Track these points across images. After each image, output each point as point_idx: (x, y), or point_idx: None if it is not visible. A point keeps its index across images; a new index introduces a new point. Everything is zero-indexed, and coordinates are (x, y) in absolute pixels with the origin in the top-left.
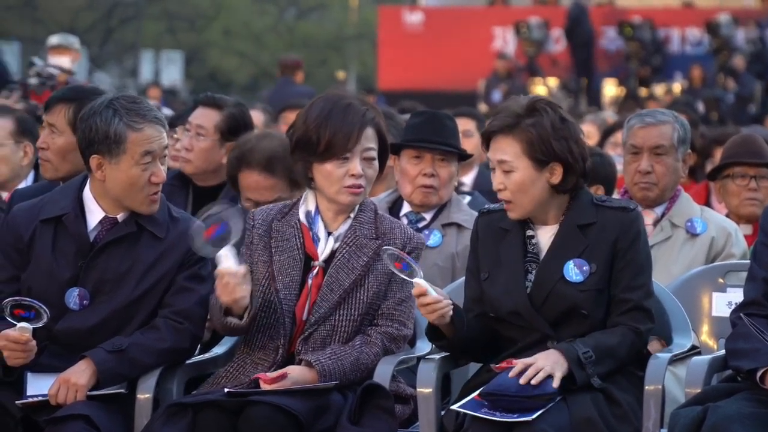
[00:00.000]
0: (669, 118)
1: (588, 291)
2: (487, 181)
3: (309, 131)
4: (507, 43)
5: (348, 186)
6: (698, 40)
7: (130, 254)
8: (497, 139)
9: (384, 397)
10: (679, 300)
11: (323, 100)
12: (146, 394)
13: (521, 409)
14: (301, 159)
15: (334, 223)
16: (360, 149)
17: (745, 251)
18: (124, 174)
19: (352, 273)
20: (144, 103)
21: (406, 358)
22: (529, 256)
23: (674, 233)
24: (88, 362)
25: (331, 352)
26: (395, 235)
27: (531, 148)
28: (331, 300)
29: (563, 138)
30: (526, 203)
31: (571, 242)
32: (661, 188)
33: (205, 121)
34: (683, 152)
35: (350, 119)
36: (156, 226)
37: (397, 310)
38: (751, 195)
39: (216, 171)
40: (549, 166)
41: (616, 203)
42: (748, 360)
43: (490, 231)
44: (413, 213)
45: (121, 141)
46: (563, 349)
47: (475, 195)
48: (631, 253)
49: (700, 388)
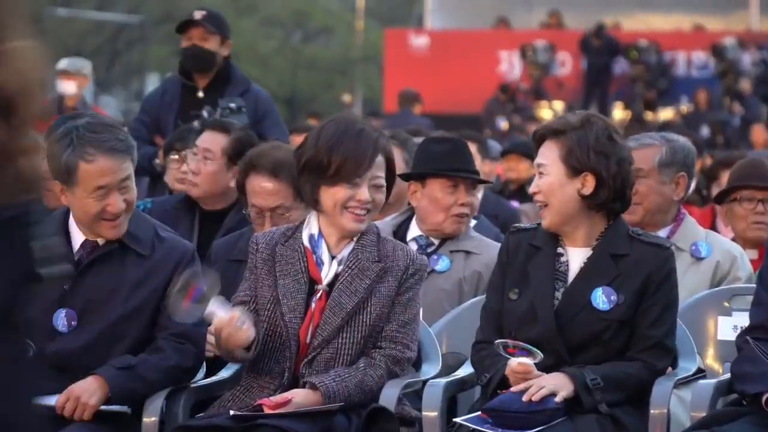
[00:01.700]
0: (654, 141)
1: (611, 321)
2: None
3: (320, 153)
4: (513, 67)
5: (354, 211)
6: (704, 63)
7: (116, 273)
8: (544, 143)
9: (389, 421)
10: (685, 323)
11: (335, 124)
12: (152, 417)
13: (524, 425)
14: (309, 181)
15: (337, 246)
16: (370, 176)
17: (750, 275)
18: (80, 203)
19: (354, 296)
20: (105, 133)
21: (412, 382)
22: (557, 275)
23: (679, 257)
24: (99, 380)
25: (335, 374)
26: (398, 257)
27: (569, 154)
28: (334, 323)
29: (603, 153)
30: (556, 206)
31: (602, 269)
32: (645, 209)
33: (213, 144)
34: (671, 174)
35: (363, 145)
36: (139, 245)
37: (401, 333)
38: (758, 219)
39: (223, 194)
40: (582, 175)
41: (652, 239)
42: (754, 384)
43: (521, 249)
44: (423, 237)
45: (72, 172)
46: (571, 373)
47: (480, 219)
48: (662, 291)
49: (706, 411)
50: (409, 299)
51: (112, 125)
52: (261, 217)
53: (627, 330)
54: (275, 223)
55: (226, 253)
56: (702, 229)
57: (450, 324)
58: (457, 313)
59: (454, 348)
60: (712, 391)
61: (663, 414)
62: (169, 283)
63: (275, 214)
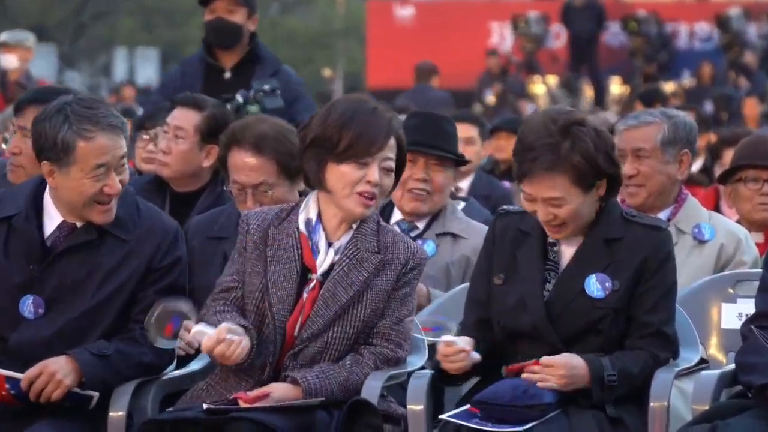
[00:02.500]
0: (655, 119)
1: (607, 309)
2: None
3: (328, 130)
4: (504, 39)
5: (361, 193)
6: (707, 35)
7: (90, 260)
8: (539, 176)
9: (372, 415)
10: (686, 311)
11: (346, 102)
12: (120, 412)
13: (516, 419)
14: (315, 158)
15: (335, 233)
16: (381, 156)
17: (756, 259)
18: (75, 184)
19: (350, 288)
20: (101, 109)
21: (396, 374)
22: (549, 264)
23: (680, 239)
24: (73, 363)
25: (320, 370)
26: (398, 250)
27: (580, 176)
28: (326, 316)
29: (603, 152)
30: (579, 224)
31: (595, 256)
32: (649, 191)
33: (184, 122)
34: (674, 153)
35: (377, 123)
36: (120, 229)
37: (394, 330)
38: (764, 200)
39: (195, 175)
40: (596, 185)
41: (647, 220)
42: (759, 375)
43: (508, 233)
44: (405, 222)
45: (70, 150)
46: (591, 364)
47: (470, 201)
48: (659, 275)
49: (708, 404)
50: (405, 295)
51: (102, 101)
52: (243, 194)
53: (624, 318)
54: (258, 201)
55: (206, 230)
56: (705, 210)
57: (436, 311)
58: (443, 300)
59: None
60: (716, 383)
61: (663, 407)
62: (147, 267)
63: (258, 191)
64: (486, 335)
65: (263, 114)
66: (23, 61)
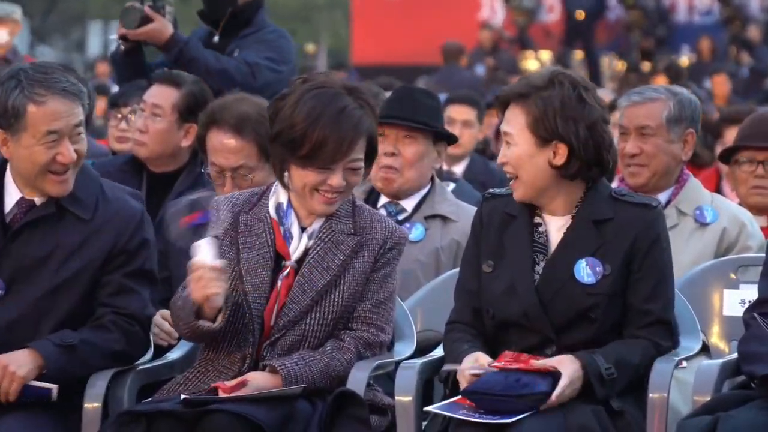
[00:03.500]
0: (660, 95)
1: (600, 295)
2: (480, 172)
3: (295, 128)
4: (495, 13)
5: (324, 194)
6: (708, 8)
7: (51, 238)
8: (509, 108)
9: (358, 406)
10: (687, 297)
11: (316, 96)
12: (95, 403)
13: (508, 410)
14: (280, 155)
15: (308, 218)
16: (345, 162)
17: (761, 243)
18: (26, 152)
19: (326, 273)
20: (56, 74)
21: (383, 363)
22: (536, 246)
23: (681, 221)
24: (33, 354)
25: (299, 357)
26: (375, 229)
27: (534, 123)
28: (303, 302)
29: (571, 118)
30: (526, 179)
31: (584, 238)
32: (653, 171)
33: (162, 100)
34: (680, 132)
35: (343, 128)
36: (80, 207)
37: (374, 314)
38: (759, 183)
39: (173, 155)
40: (552, 144)
41: (637, 198)
42: (763, 364)
43: (495, 216)
44: (392, 204)
45: (20, 116)
46: (585, 360)
47: (460, 182)
48: (651, 257)
49: (710, 395)
50: (385, 276)
51: (64, 67)
52: (221, 177)
53: (618, 304)
54: (237, 185)
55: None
56: (707, 192)
57: (426, 298)
58: (433, 286)
59: (430, 325)
60: (718, 373)
61: (663, 399)
62: (111, 249)
63: (237, 175)
64: (482, 326)
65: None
66: (11, 35)
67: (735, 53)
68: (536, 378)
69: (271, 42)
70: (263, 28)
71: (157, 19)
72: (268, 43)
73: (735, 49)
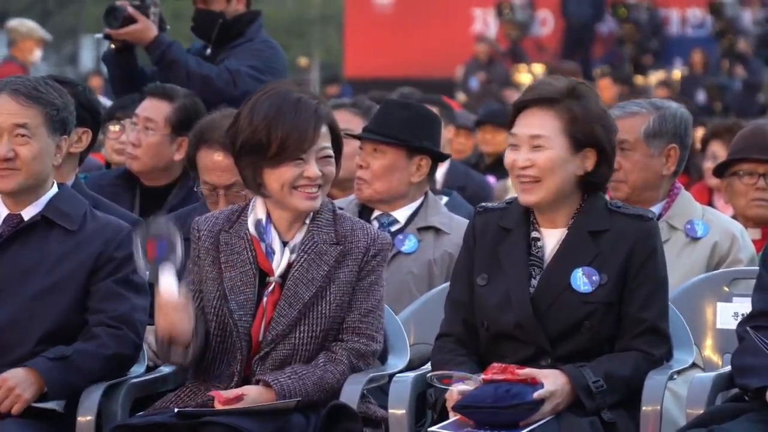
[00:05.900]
0: (642, 109)
1: (596, 304)
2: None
3: (257, 132)
4: (488, 26)
5: (304, 190)
6: (700, 21)
7: (38, 249)
8: (533, 111)
9: (351, 419)
10: (680, 310)
11: (268, 97)
12: (88, 416)
13: (503, 424)
14: (250, 164)
15: (289, 232)
16: (316, 149)
17: (752, 256)
18: None
19: (311, 285)
20: (23, 79)
21: (377, 376)
22: (533, 260)
23: (672, 236)
24: (32, 373)
25: (291, 371)
26: (357, 238)
27: (573, 126)
28: (290, 316)
29: (605, 127)
30: (551, 185)
31: (580, 249)
32: (631, 186)
33: (154, 113)
34: (660, 146)
35: (303, 117)
36: (67, 220)
37: (364, 323)
38: (759, 195)
39: (166, 169)
40: (584, 151)
41: (632, 210)
42: (756, 377)
43: (489, 230)
44: (385, 216)
45: None
46: (571, 374)
47: (453, 195)
48: (647, 268)
49: (703, 408)
50: (371, 284)
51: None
52: (214, 195)
53: (614, 314)
54: (231, 202)
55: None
56: (699, 205)
57: (419, 311)
58: (426, 299)
59: (423, 338)
60: (711, 386)
61: (656, 411)
62: (98, 257)
63: (230, 192)
64: (475, 339)
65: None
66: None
67: (727, 66)
68: (526, 388)
69: (258, 51)
70: (254, 38)
71: (141, 19)
72: (254, 52)
73: (727, 62)
